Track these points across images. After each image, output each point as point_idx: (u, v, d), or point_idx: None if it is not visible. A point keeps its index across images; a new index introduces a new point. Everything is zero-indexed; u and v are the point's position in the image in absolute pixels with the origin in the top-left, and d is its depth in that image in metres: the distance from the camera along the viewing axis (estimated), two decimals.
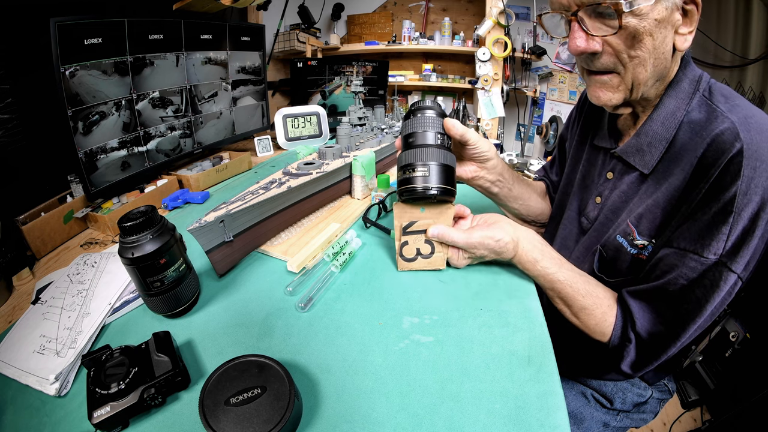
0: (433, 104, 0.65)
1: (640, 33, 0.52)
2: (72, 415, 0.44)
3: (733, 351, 1.31)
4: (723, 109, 0.54)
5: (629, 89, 0.58)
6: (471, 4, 2.76)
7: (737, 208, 0.49)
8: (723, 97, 0.57)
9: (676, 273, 0.54)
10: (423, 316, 0.58)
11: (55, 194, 0.94)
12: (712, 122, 0.54)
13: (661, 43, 0.54)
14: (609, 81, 0.59)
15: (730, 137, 0.50)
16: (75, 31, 0.82)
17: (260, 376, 0.42)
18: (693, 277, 0.52)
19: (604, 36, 0.54)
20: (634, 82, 0.57)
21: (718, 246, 0.50)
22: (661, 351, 0.57)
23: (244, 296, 0.63)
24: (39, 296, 0.62)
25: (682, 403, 1.43)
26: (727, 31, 2.08)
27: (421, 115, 0.63)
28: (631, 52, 0.54)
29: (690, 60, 0.61)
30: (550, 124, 2.56)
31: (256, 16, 1.85)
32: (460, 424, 0.42)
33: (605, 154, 0.72)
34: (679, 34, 0.55)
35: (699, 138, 0.55)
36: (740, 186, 0.48)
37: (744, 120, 0.51)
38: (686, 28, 0.55)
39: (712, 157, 0.52)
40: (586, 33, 0.55)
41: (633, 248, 0.62)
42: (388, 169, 1.19)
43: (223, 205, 0.66)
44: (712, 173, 0.51)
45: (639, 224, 0.61)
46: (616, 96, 0.59)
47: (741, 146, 0.49)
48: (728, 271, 0.51)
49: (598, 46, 0.55)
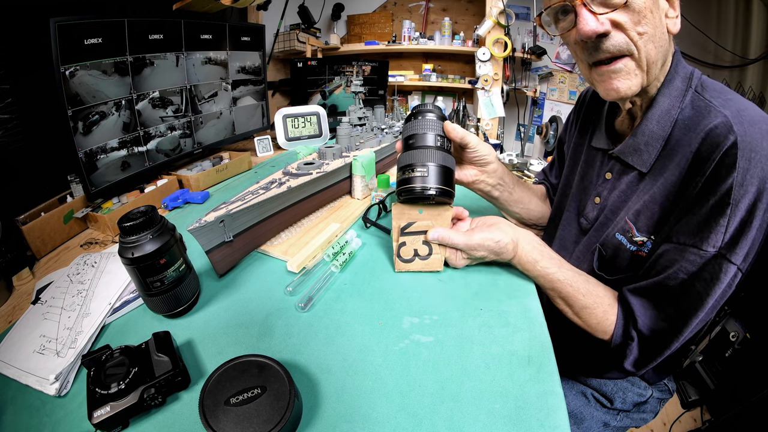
0: (433, 107, 0.66)
1: (643, 8, 0.53)
2: (72, 415, 0.44)
3: (733, 351, 1.31)
4: (716, 104, 0.55)
5: (645, 71, 0.58)
6: (471, 4, 2.75)
7: (734, 199, 0.49)
8: (715, 92, 0.58)
9: (676, 267, 0.54)
10: (423, 316, 0.58)
11: (55, 194, 0.94)
12: (706, 117, 0.55)
13: (659, 21, 0.55)
14: (624, 67, 0.57)
15: (724, 130, 0.51)
16: (75, 31, 0.82)
17: (260, 376, 0.42)
18: (693, 270, 0.53)
19: (610, 13, 0.54)
20: (648, 61, 0.57)
21: (717, 238, 0.51)
22: (664, 347, 0.57)
23: (244, 296, 0.63)
24: (39, 296, 0.62)
25: (682, 403, 1.43)
26: (727, 31, 2.08)
27: (421, 118, 0.64)
28: (639, 28, 0.54)
29: (680, 57, 0.62)
30: (550, 124, 2.56)
31: (256, 16, 1.85)
32: (460, 424, 0.42)
33: (603, 155, 0.72)
34: (669, 18, 0.57)
35: (693, 133, 0.55)
36: (736, 177, 0.49)
37: (737, 113, 0.52)
38: (673, 12, 0.57)
39: (707, 151, 0.52)
40: (594, 14, 0.55)
41: (632, 245, 0.62)
42: (388, 169, 1.19)
43: (223, 205, 0.66)
44: (707, 167, 0.52)
45: (637, 221, 0.61)
46: (635, 82, 0.58)
47: (735, 138, 0.49)
48: (728, 262, 0.51)
49: (608, 26, 0.55)
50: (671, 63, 0.61)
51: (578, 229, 0.77)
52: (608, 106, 0.75)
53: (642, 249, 0.62)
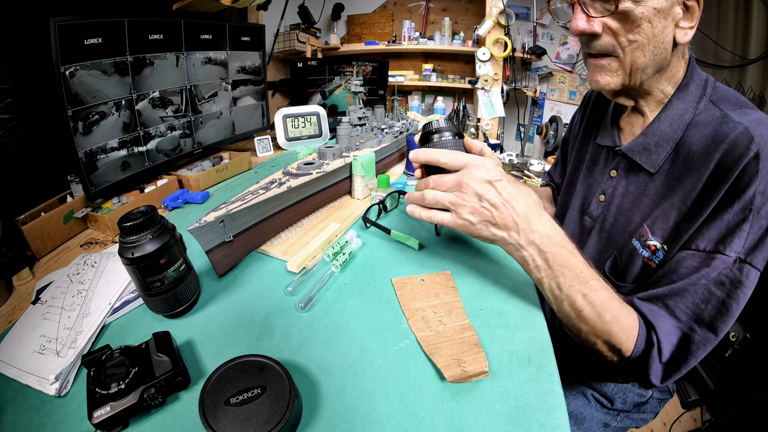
0: (448, 125, 0.62)
1: (638, 18, 0.54)
2: (72, 415, 0.44)
3: (733, 351, 1.31)
4: (733, 116, 0.56)
5: (627, 74, 0.60)
6: (471, 4, 2.75)
7: (756, 206, 0.50)
8: (730, 104, 0.59)
9: (699, 274, 0.53)
10: None
11: (55, 194, 0.94)
12: (725, 128, 0.55)
13: (660, 32, 0.55)
14: (607, 65, 0.60)
15: (745, 141, 0.52)
16: (75, 31, 0.82)
17: (260, 376, 0.42)
18: (715, 276, 0.52)
19: (602, 17, 0.56)
20: (632, 66, 0.58)
21: (740, 243, 0.51)
22: (690, 357, 0.54)
23: (244, 296, 0.63)
24: (39, 296, 0.62)
25: (682, 403, 1.43)
26: (727, 31, 2.08)
27: (441, 140, 0.61)
28: (629, 36, 0.55)
29: (695, 64, 0.63)
30: (550, 124, 2.56)
31: (256, 16, 1.85)
32: (460, 424, 0.42)
33: (608, 152, 0.73)
34: (680, 28, 0.57)
35: (713, 144, 0.56)
36: (758, 186, 0.50)
37: (755, 125, 0.53)
38: (687, 23, 0.56)
39: (730, 162, 0.53)
40: (587, 15, 0.57)
41: (645, 249, 0.62)
42: (388, 169, 1.19)
43: (223, 205, 0.66)
44: (730, 176, 0.52)
45: (653, 225, 0.62)
46: (614, 80, 0.61)
47: (757, 149, 0.51)
48: (750, 266, 0.51)
49: (598, 28, 0.57)
50: (686, 69, 0.63)
51: (581, 226, 0.77)
52: (614, 103, 0.75)
53: (653, 258, 0.61)
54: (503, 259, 0.70)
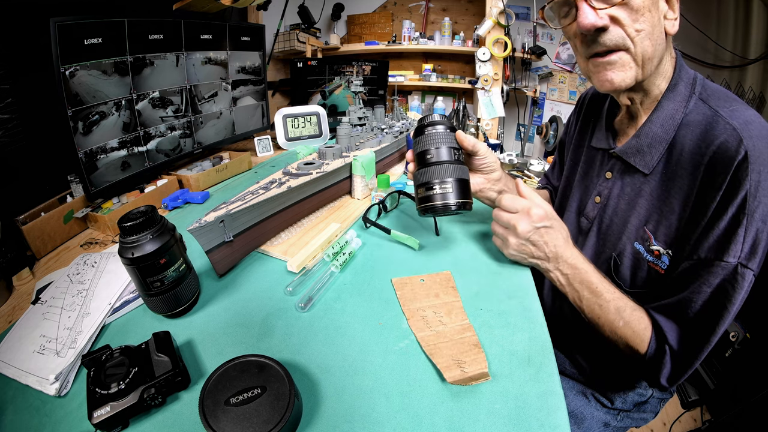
0: (442, 119, 0.67)
1: (641, 7, 0.55)
2: (72, 415, 0.44)
3: (733, 351, 1.32)
4: (723, 114, 0.56)
5: (640, 66, 0.59)
6: (471, 4, 2.75)
7: (749, 210, 0.51)
8: (720, 101, 0.59)
9: (700, 282, 0.55)
10: None
11: (55, 194, 0.94)
12: (715, 128, 0.56)
13: (657, 21, 0.57)
14: (620, 59, 0.58)
15: (734, 144, 0.53)
16: (75, 31, 0.82)
17: (260, 376, 0.42)
18: (717, 282, 0.54)
19: (609, 10, 0.56)
20: (643, 56, 0.58)
21: (737, 248, 0.52)
22: (694, 358, 0.57)
23: (244, 296, 0.63)
24: (39, 296, 0.62)
25: (682, 403, 1.43)
26: (727, 31, 2.08)
27: (433, 132, 0.65)
28: (636, 25, 0.56)
29: (683, 62, 0.64)
30: (550, 124, 2.56)
31: (256, 16, 1.85)
32: (460, 424, 0.42)
33: (603, 154, 0.73)
34: (668, 19, 0.58)
35: (703, 144, 0.57)
36: (749, 189, 0.51)
37: (745, 126, 0.54)
38: (672, 14, 0.59)
39: (719, 166, 0.54)
40: (594, 9, 0.57)
41: (649, 254, 0.64)
42: (388, 169, 1.19)
43: (223, 205, 0.66)
44: (721, 182, 0.53)
45: (656, 230, 0.63)
46: (628, 75, 0.59)
47: (745, 152, 0.51)
48: (746, 269, 0.52)
49: (606, 21, 0.56)
50: (674, 68, 0.63)
51: (578, 228, 0.77)
52: (608, 106, 0.75)
53: (658, 263, 0.62)
54: (503, 260, 0.70)
